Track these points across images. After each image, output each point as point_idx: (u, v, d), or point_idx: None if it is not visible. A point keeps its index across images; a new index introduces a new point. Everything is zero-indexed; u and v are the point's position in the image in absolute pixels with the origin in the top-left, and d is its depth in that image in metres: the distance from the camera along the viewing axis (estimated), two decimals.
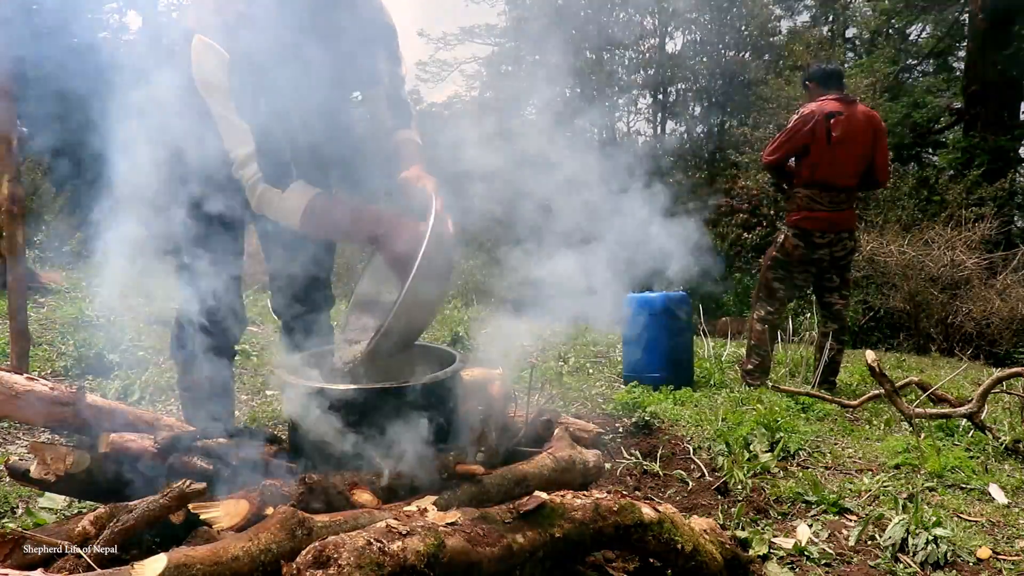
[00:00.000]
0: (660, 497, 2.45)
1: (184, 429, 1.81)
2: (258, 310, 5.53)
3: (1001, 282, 9.04)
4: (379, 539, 1.29)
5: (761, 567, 1.92)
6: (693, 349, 4.40)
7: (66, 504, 2.08)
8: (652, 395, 3.73)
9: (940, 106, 16.76)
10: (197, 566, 1.21)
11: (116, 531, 1.37)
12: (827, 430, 3.30)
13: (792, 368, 4.87)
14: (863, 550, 2.07)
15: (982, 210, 10.30)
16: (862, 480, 2.60)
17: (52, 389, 1.61)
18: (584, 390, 4.04)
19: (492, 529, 1.45)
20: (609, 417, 3.32)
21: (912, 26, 17.78)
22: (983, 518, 2.31)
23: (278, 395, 3.49)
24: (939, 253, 9.28)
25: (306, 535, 1.34)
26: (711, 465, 2.70)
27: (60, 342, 3.93)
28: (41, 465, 1.54)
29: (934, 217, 11.10)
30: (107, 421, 1.70)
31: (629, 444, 2.91)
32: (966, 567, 1.99)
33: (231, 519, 1.44)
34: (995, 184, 12.01)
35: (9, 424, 2.71)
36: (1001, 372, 3.39)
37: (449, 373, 1.82)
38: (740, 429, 2.97)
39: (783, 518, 2.29)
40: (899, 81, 16.63)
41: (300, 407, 1.74)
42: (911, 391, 3.86)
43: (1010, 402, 3.81)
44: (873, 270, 10.11)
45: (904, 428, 3.35)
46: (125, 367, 3.62)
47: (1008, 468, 2.82)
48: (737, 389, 4.08)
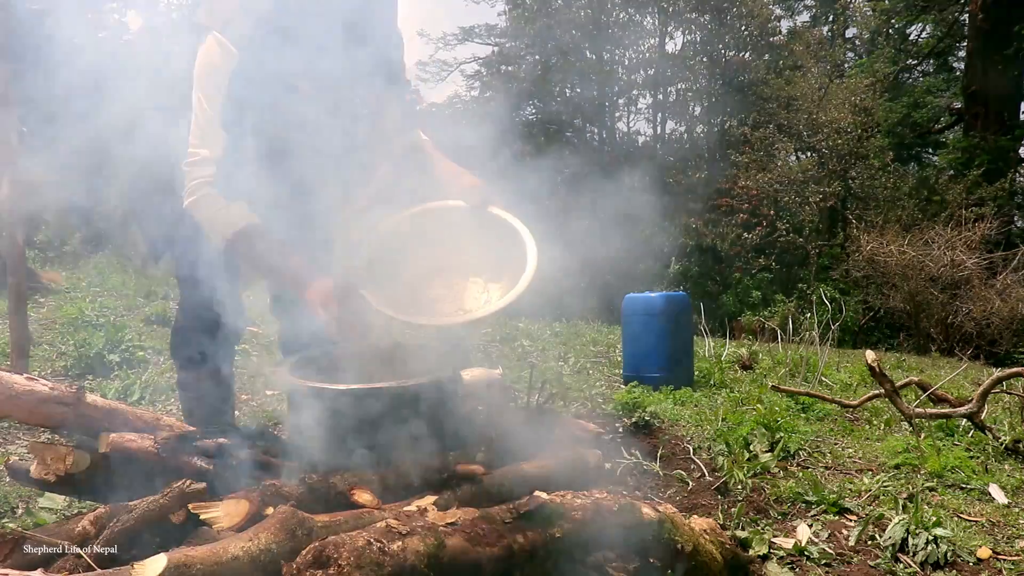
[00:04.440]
0: (660, 497, 2.45)
1: (184, 429, 1.81)
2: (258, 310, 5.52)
3: (1001, 282, 9.04)
4: (379, 539, 1.29)
5: (761, 567, 1.92)
6: (693, 349, 4.40)
7: (66, 504, 2.08)
8: (652, 395, 3.73)
9: (940, 106, 16.77)
10: (197, 566, 1.21)
11: (116, 531, 1.37)
12: (827, 430, 3.30)
13: (792, 368, 4.87)
14: (863, 550, 2.07)
15: (982, 210, 10.31)
16: (862, 480, 2.60)
17: (52, 389, 1.61)
18: (584, 390, 4.04)
19: (492, 529, 1.45)
20: (609, 417, 3.32)
21: (912, 26, 17.79)
22: (983, 518, 2.31)
23: (278, 395, 3.49)
24: (939, 253, 9.28)
25: (306, 535, 1.34)
26: (711, 465, 2.70)
27: (60, 342, 3.92)
28: (41, 465, 1.54)
29: (934, 217, 11.11)
30: (107, 421, 1.70)
31: (629, 444, 2.91)
32: (966, 567, 1.99)
33: (231, 519, 1.44)
34: (995, 184, 12.02)
35: (9, 424, 2.71)
36: (1001, 372, 3.39)
37: (449, 373, 1.82)
38: (740, 429, 2.97)
39: (783, 518, 2.29)
40: (899, 81, 16.63)
41: (300, 406, 1.74)
42: (911, 391, 3.85)
43: (1010, 402, 3.81)
44: (873, 270, 10.12)
45: (904, 428, 3.35)
46: (125, 367, 3.62)
47: (1008, 468, 2.82)
48: (737, 389, 4.08)
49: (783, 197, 13.27)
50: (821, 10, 18.67)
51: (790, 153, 14.33)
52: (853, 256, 10.81)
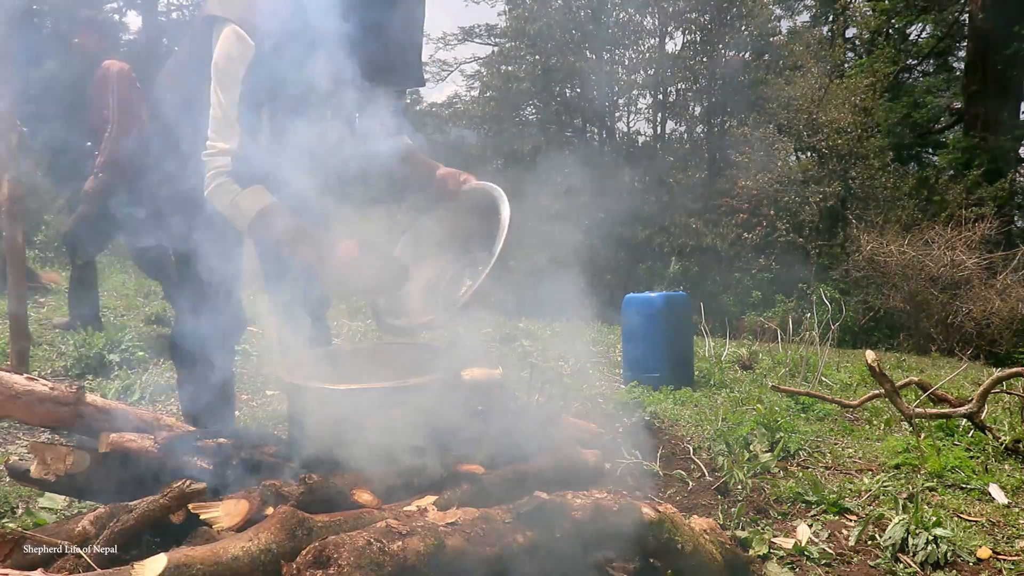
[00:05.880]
0: (660, 497, 2.44)
1: (184, 429, 1.81)
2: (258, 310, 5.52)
3: (1001, 282, 9.05)
4: (379, 539, 1.29)
5: (761, 567, 1.92)
6: (693, 349, 4.40)
7: (66, 504, 2.08)
8: (652, 395, 3.73)
9: (940, 106, 16.77)
10: (197, 566, 1.21)
11: (116, 531, 1.37)
12: (827, 430, 3.30)
13: (792, 368, 4.87)
14: (863, 550, 2.07)
15: (982, 210, 10.32)
16: (862, 480, 2.60)
17: (52, 389, 1.61)
18: (584, 390, 4.04)
19: (492, 529, 1.45)
20: (609, 417, 3.32)
21: (912, 26, 17.79)
22: (983, 518, 2.31)
23: (278, 395, 3.49)
24: (939, 253, 9.28)
25: (306, 535, 1.34)
26: (711, 465, 2.70)
27: (60, 342, 3.92)
28: (41, 465, 1.54)
29: (934, 217, 11.12)
30: (107, 421, 1.70)
31: (629, 444, 2.91)
32: (966, 567, 1.99)
33: (231, 519, 1.44)
34: (995, 184, 12.03)
35: (9, 424, 2.71)
36: (1001, 372, 3.39)
37: (449, 373, 1.82)
38: (740, 429, 2.97)
39: (783, 518, 2.29)
40: (899, 81, 16.64)
41: (300, 406, 1.74)
42: (911, 391, 3.85)
43: (1010, 402, 3.81)
44: (873, 270, 10.12)
45: (904, 428, 3.35)
46: (125, 367, 3.62)
47: (1008, 468, 2.82)
48: (737, 389, 4.08)
49: (783, 197, 13.27)
50: (821, 10, 18.66)
51: (790, 153, 14.32)
52: (853, 256, 10.81)
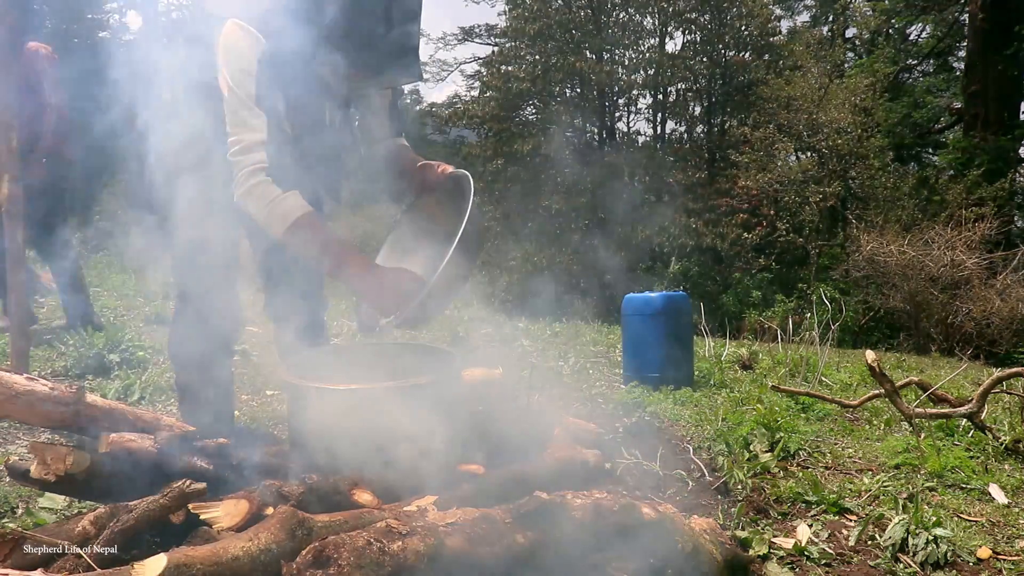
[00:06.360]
0: (660, 497, 2.44)
1: (184, 429, 1.81)
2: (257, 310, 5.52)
3: (1001, 282, 9.05)
4: (379, 539, 1.29)
5: (761, 567, 1.92)
6: (693, 349, 4.40)
7: (66, 504, 2.08)
8: (652, 395, 3.73)
9: (940, 106, 16.78)
10: (197, 566, 1.21)
11: (116, 531, 1.37)
12: (827, 430, 3.30)
13: (792, 368, 4.87)
14: (863, 550, 2.07)
15: (982, 210, 10.31)
16: (862, 480, 2.60)
17: (52, 389, 1.61)
18: (584, 390, 4.04)
19: (492, 529, 1.45)
20: (609, 417, 3.32)
21: (912, 26, 17.80)
22: (983, 518, 2.31)
23: (278, 395, 3.49)
24: (939, 253, 9.28)
25: (306, 535, 1.34)
26: (711, 465, 2.70)
27: (60, 342, 3.92)
28: (41, 465, 1.54)
29: (934, 217, 11.13)
30: (107, 421, 1.70)
31: (629, 444, 2.91)
32: (966, 567, 1.99)
33: (231, 519, 1.44)
34: (995, 184, 12.03)
35: (9, 424, 2.71)
36: (1001, 372, 3.39)
37: (449, 373, 1.82)
38: (740, 429, 2.97)
39: (783, 518, 2.29)
40: (899, 81, 16.64)
41: (300, 406, 1.74)
42: (911, 391, 3.85)
43: (1010, 402, 3.81)
44: (873, 270, 10.12)
45: (904, 428, 3.35)
46: (125, 367, 3.62)
47: (1008, 468, 2.82)
48: (737, 389, 4.08)
49: (783, 197, 13.27)
50: (821, 10, 18.68)
51: (790, 153, 14.32)
52: (853, 256, 10.81)
